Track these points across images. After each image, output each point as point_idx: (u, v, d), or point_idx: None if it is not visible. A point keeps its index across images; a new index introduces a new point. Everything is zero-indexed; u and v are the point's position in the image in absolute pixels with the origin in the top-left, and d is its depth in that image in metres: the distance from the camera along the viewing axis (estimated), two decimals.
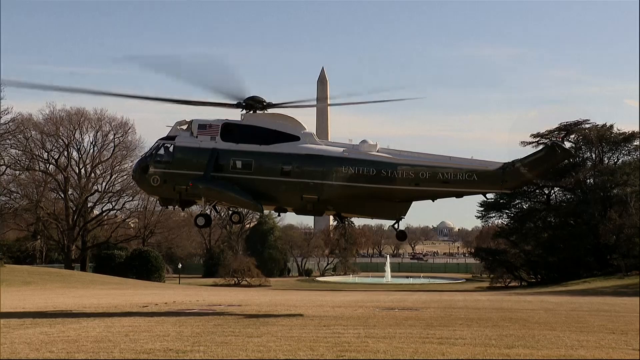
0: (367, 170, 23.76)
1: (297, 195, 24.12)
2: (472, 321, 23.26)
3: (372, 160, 23.89)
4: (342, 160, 23.98)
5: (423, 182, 23.49)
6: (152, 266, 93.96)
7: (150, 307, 29.16)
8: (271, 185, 24.18)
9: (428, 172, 23.44)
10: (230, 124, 24.79)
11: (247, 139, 24.32)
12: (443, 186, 23.54)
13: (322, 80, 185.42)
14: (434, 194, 24.22)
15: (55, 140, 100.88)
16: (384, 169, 23.66)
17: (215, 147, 24.19)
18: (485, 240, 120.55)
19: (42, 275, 73.25)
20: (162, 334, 18.88)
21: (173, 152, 24.75)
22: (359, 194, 24.02)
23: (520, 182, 24.63)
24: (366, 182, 23.77)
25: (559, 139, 24.84)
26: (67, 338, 18.03)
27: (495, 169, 23.42)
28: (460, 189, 23.76)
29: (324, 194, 24.02)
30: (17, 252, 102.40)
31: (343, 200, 24.33)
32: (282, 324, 21.61)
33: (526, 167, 23.25)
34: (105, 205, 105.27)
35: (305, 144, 24.43)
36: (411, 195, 24.18)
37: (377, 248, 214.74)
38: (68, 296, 44.21)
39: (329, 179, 23.91)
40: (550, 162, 23.77)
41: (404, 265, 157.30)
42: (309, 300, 37.61)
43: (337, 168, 23.92)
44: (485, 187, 23.93)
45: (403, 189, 23.70)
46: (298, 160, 24.11)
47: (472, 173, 23.32)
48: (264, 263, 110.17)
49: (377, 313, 26.48)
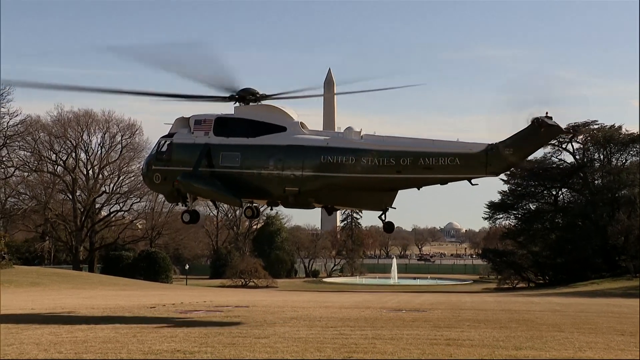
0: (347, 159, 22.49)
1: (280, 187, 23.32)
2: (479, 322, 23.21)
3: (352, 149, 22.59)
4: (321, 149, 22.88)
5: (405, 170, 21.97)
6: (159, 267, 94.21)
7: (158, 308, 29.24)
8: (256, 178, 23.51)
9: (410, 159, 21.88)
10: (222, 118, 24.44)
11: (237, 132, 23.97)
12: (425, 172, 21.93)
13: (328, 82, 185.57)
14: (417, 181, 22.65)
15: (64, 142, 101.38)
16: (364, 157, 22.35)
17: (208, 142, 24.01)
18: (493, 241, 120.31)
19: (50, 276, 73.56)
20: (169, 334, 18.93)
21: (171, 150, 24.78)
22: (341, 184, 22.82)
23: (505, 165, 21.96)
24: (346, 172, 22.49)
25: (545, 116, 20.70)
26: (75, 339, 18.10)
27: (478, 151, 21.49)
28: (444, 175, 22.01)
29: (305, 185, 23.01)
30: (25, 253, 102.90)
31: (325, 191, 23.18)
32: (289, 325, 21.63)
33: (510, 148, 21.25)
34: (112, 206, 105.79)
35: (290, 135, 23.50)
36: (394, 184, 22.77)
37: (384, 249, 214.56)
38: (76, 297, 44.37)
39: (308, 170, 22.88)
40: (536, 140, 21.37)
41: (411, 266, 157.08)
42: (316, 301, 37.61)
43: (316, 158, 22.84)
44: (469, 171, 21.83)
45: (384, 178, 22.30)
46: (280, 151, 23.30)
47: (455, 157, 21.55)
48: (271, 264, 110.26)
49: (384, 314, 26.46)
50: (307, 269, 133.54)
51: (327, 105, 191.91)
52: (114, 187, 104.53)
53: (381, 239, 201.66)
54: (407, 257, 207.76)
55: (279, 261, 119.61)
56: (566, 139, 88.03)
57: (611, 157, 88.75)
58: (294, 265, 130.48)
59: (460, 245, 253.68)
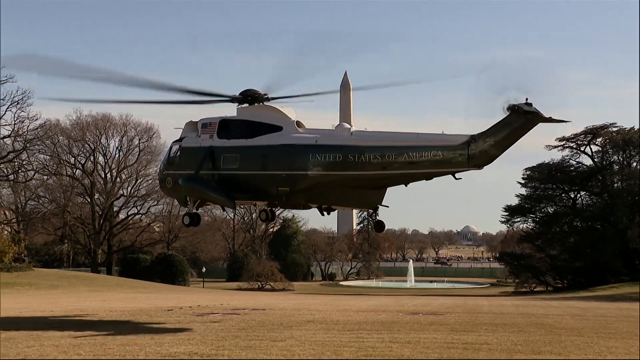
0: (335, 157, 21.88)
1: (274, 187, 22.83)
2: (497, 326, 23.06)
3: (339, 146, 21.99)
4: (310, 147, 22.37)
5: (390, 165, 21.20)
6: (176, 270, 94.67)
7: (175, 311, 29.38)
8: (252, 179, 23.36)
9: (394, 153, 21.09)
10: (225, 120, 24.45)
11: (237, 134, 23.91)
12: (410, 168, 21.11)
13: (345, 85, 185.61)
14: (402, 177, 21.87)
15: (82, 146, 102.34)
16: (350, 154, 21.63)
17: (211, 145, 24.02)
18: (510, 244, 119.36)
19: (69, 278, 74.25)
20: (186, 337, 19.03)
21: (180, 154, 24.95)
22: (329, 182, 22.29)
23: (487, 157, 20.35)
24: (333, 170, 21.91)
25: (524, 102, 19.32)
26: (94, 341, 18.26)
27: (460, 143, 20.44)
28: (427, 170, 21.13)
29: (296, 184, 22.55)
30: (45, 256, 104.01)
31: (315, 190, 22.65)
32: (305, 328, 21.63)
33: (491, 139, 20.05)
34: (130, 209, 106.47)
35: (283, 134, 23.17)
36: (381, 181, 22.12)
37: (401, 252, 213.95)
38: (95, 300, 44.75)
39: (298, 169, 22.43)
40: (516, 130, 19.82)
41: (428, 269, 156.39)
42: (333, 304, 37.58)
43: (305, 157, 22.35)
44: (452, 166, 20.79)
45: (370, 175, 21.60)
46: (273, 151, 23.05)
47: (438, 151, 20.66)
48: (287, 267, 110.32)
49: (401, 318, 26.38)
50: (324, 272, 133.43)
51: (344, 108, 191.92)
52: (131, 190, 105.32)
53: (398, 242, 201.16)
54: (423, 260, 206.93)
55: (295, 264, 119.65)
56: (584, 142, 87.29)
57: (630, 159, 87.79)
58: (310, 268, 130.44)
59: (477, 249, 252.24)
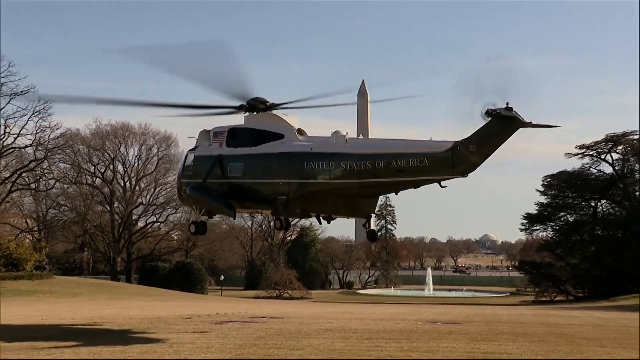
0: (327, 165, 21.61)
1: (273, 196, 22.74)
2: (517, 336, 22.84)
3: (331, 154, 21.72)
4: (305, 156, 22.22)
5: (380, 173, 20.84)
6: (195, 278, 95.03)
7: (194, 319, 29.48)
8: (255, 187, 23.37)
9: (384, 162, 20.71)
10: (233, 128, 24.58)
11: (243, 142, 24.01)
12: (398, 176, 20.67)
13: (362, 93, 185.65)
14: (391, 185, 21.55)
15: (102, 154, 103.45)
16: (342, 162, 21.36)
17: (220, 154, 24.20)
18: (530, 253, 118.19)
19: (89, 286, 74.84)
20: (205, 345, 19.08)
21: (193, 163, 25.15)
22: (323, 190, 21.99)
23: (470, 165, 19.64)
24: (326, 178, 21.67)
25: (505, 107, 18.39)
26: (113, 349, 18.39)
27: (445, 150, 19.91)
28: (414, 178, 20.64)
29: (292, 192, 22.33)
30: (65, 264, 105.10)
31: (310, 198, 22.38)
32: (324, 337, 21.58)
33: (473, 146, 19.31)
34: (149, 217, 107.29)
35: (284, 143, 23.05)
36: (372, 189, 21.83)
37: (419, 261, 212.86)
38: (114, 307, 45.04)
39: (293, 177, 22.27)
40: (497, 135, 19.01)
41: (446, 278, 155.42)
42: (351, 312, 37.48)
43: (300, 165, 22.19)
44: (437, 173, 20.25)
45: (361, 183, 21.26)
46: (272, 159, 23.04)
47: (424, 158, 20.12)
48: (305, 275, 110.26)
49: (419, 326, 26.23)
50: (342, 280, 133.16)
51: (361, 116, 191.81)
52: (150, 198, 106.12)
53: (416, 251, 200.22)
54: (442, 268, 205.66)
55: (313, 272, 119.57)
56: (605, 149, 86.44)
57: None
58: (328, 276, 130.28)
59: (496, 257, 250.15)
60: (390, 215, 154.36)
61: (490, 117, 18.75)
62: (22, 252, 77.37)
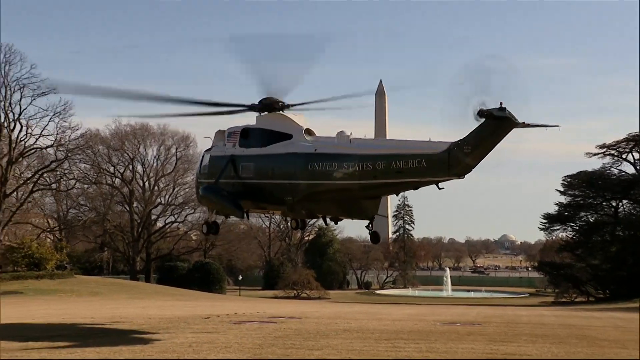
0: (330, 166, 21.40)
1: (281, 196, 22.64)
2: (537, 337, 22.65)
3: (335, 154, 21.50)
4: (309, 156, 22.01)
5: (380, 174, 20.58)
6: (213, 278, 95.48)
7: (212, 319, 29.62)
8: (264, 187, 23.31)
9: (384, 163, 20.45)
10: (246, 129, 24.55)
11: (254, 142, 23.98)
12: (397, 177, 20.42)
13: (380, 93, 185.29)
14: (391, 186, 21.23)
15: (121, 155, 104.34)
16: (345, 163, 21.11)
17: (233, 154, 24.21)
18: (549, 253, 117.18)
19: (109, 286, 75.56)
20: (224, 345, 19.17)
21: (208, 163, 25.23)
22: (326, 191, 21.83)
23: (465, 166, 19.27)
24: (328, 179, 21.45)
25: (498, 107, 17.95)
26: (133, 348, 18.54)
27: (441, 151, 19.54)
28: (412, 179, 20.36)
29: (297, 193, 22.26)
30: (85, 263, 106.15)
31: (315, 199, 22.20)
32: (342, 337, 21.57)
33: (468, 147, 18.94)
34: (168, 217, 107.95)
35: (291, 143, 22.86)
36: (372, 191, 21.53)
37: (437, 261, 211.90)
38: (134, 307, 45.39)
39: (298, 178, 22.13)
40: (491, 136, 18.61)
41: (465, 278, 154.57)
42: (369, 313, 37.43)
43: (305, 165, 22.00)
44: (434, 175, 19.92)
45: (362, 184, 21.00)
46: (278, 160, 22.97)
47: (422, 159, 19.82)
48: (323, 276, 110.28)
49: (438, 327, 26.12)
50: (360, 280, 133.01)
51: (379, 116, 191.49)
52: (169, 198, 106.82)
53: (434, 251, 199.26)
54: (460, 269, 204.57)
55: (331, 272, 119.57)
56: (626, 149, 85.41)
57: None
58: (346, 276, 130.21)
59: (515, 258, 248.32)
60: (408, 215, 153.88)
61: (483, 117, 18.36)
62: (43, 251, 78.39)
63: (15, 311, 38.49)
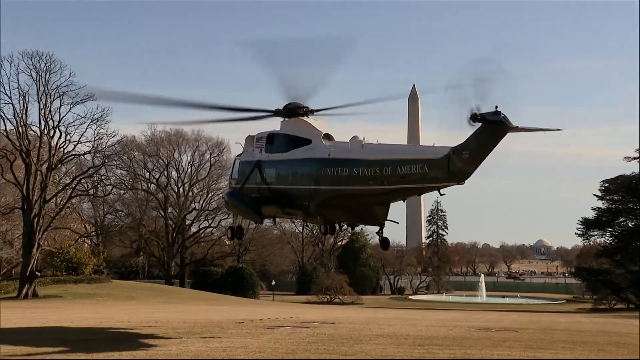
0: (341, 171, 21.35)
1: (298, 202, 22.68)
2: (575, 344, 22.23)
3: (346, 160, 21.38)
4: (323, 162, 21.98)
5: (387, 180, 20.31)
6: (246, 283, 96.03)
7: (246, 324, 29.76)
8: (284, 192, 23.35)
9: (390, 168, 20.20)
10: (271, 134, 24.61)
11: (277, 148, 24.04)
12: (403, 183, 20.08)
13: (413, 97, 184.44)
14: (396, 192, 20.81)
15: (156, 161, 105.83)
16: (355, 168, 20.97)
17: (259, 159, 24.35)
18: (587, 259, 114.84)
19: (144, 290, 76.58)
20: (257, 350, 19.24)
21: (238, 168, 25.49)
22: (339, 197, 21.68)
23: (464, 172, 18.89)
24: (339, 184, 21.38)
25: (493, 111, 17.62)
26: (168, 352, 18.74)
27: (442, 156, 19.18)
28: (417, 185, 20.07)
29: (312, 198, 22.24)
30: (122, 268, 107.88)
31: (328, 204, 22.04)
32: (375, 343, 21.48)
33: (466, 152, 18.60)
34: (202, 222, 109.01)
35: (310, 148, 22.79)
36: (381, 197, 21.13)
37: (471, 266, 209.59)
38: (169, 311, 45.90)
39: (313, 183, 22.10)
40: (486, 140, 18.20)
41: (500, 284, 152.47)
42: (402, 318, 37.19)
43: (319, 171, 22.03)
44: (436, 180, 19.65)
45: (370, 190, 20.75)
46: (295, 165, 22.98)
47: (424, 164, 19.51)
48: (356, 281, 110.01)
49: (472, 333, 25.82)
50: (393, 285, 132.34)
51: (412, 120, 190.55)
52: (203, 203, 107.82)
53: (468, 256, 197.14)
54: (494, 274, 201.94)
55: (364, 278, 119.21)
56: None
57: None
58: (379, 282, 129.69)
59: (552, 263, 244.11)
60: (441, 220, 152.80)
61: (476, 121, 18.07)
62: (81, 256, 79.90)
63: (56, 315, 39.32)
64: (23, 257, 68.98)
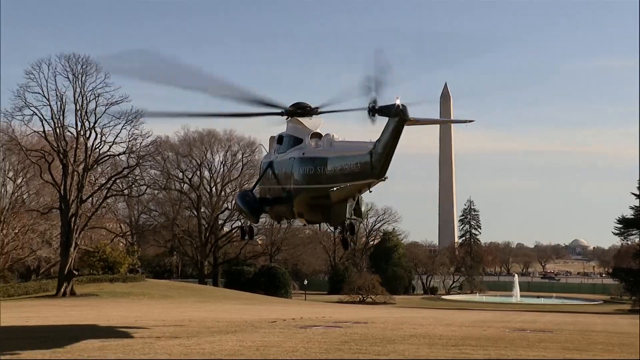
0: (308, 170, 21.33)
1: (287, 201, 22.86)
2: (613, 346, 21.80)
3: (311, 158, 21.35)
4: (298, 161, 22.12)
5: (335, 177, 20.07)
6: (279, 282, 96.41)
7: (279, 323, 29.90)
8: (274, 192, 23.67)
9: (339, 165, 19.89)
10: (280, 135, 24.64)
11: (282, 148, 24.08)
12: (345, 180, 19.70)
13: (445, 96, 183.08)
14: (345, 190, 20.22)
15: (189, 161, 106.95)
16: (318, 167, 20.85)
17: (272, 160, 24.54)
18: (625, 259, 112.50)
19: (178, 289, 77.49)
20: (290, 349, 19.32)
21: (261, 169, 25.92)
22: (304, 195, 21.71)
23: (380, 168, 18.36)
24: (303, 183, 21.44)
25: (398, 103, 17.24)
26: (202, 351, 18.94)
27: (366, 153, 18.71)
28: (355, 182, 19.61)
29: (289, 197, 22.47)
30: (156, 267, 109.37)
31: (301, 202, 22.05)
32: (409, 343, 21.38)
33: (378, 147, 18.29)
34: (234, 222, 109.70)
35: (298, 148, 22.76)
36: (335, 195, 20.59)
37: (505, 266, 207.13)
38: (202, 310, 46.39)
39: (290, 182, 22.41)
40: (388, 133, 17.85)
41: (534, 284, 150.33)
42: (436, 318, 36.94)
43: (290, 170, 22.33)
44: (365, 177, 19.05)
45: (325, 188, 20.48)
46: (284, 166, 23.21)
47: (357, 162, 19.02)
48: (388, 280, 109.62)
49: (507, 334, 25.52)
50: (425, 285, 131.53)
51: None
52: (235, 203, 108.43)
53: (502, 256, 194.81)
54: (529, 274, 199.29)
55: (396, 277, 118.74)
56: None
57: None
58: (411, 281, 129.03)
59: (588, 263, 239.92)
60: (474, 219, 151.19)
61: (374, 113, 17.69)
62: (117, 255, 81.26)
63: (93, 313, 40.07)
64: (61, 256, 70.52)
